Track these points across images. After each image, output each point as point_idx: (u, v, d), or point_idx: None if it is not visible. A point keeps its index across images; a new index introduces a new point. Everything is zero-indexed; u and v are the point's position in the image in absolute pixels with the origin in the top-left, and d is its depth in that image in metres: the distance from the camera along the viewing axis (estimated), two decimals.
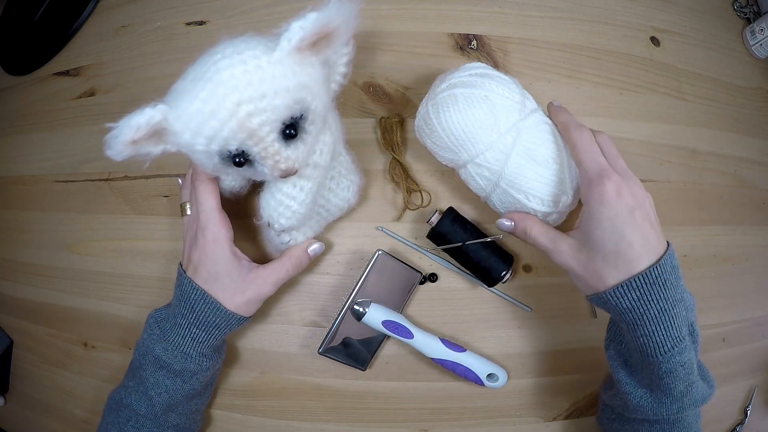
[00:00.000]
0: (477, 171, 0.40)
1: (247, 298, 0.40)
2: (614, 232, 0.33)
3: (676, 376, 0.35)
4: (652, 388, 0.37)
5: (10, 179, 0.58)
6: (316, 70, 0.30)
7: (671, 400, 0.36)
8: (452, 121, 0.39)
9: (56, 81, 0.57)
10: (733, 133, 0.56)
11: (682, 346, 0.34)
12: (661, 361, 0.34)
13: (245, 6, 0.53)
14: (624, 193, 0.34)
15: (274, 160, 0.31)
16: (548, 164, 0.39)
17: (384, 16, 0.51)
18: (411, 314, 0.48)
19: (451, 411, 0.49)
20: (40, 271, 0.55)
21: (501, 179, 0.39)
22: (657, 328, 0.34)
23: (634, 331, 0.35)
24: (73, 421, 0.53)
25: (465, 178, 0.42)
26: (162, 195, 0.51)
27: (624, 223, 0.33)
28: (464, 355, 0.45)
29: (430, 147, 0.43)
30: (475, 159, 0.40)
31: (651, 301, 0.33)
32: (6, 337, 0.57)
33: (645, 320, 0.34)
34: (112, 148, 0.28)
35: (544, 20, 0.53)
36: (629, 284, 0.33)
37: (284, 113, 0.29)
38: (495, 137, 0.39)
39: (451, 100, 0.39)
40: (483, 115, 0.38)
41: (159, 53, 0.54)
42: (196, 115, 0.28)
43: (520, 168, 0.39)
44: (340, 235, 0.48)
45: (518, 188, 0.39)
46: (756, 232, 0.56)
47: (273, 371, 0.49)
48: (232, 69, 0.28)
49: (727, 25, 0.60)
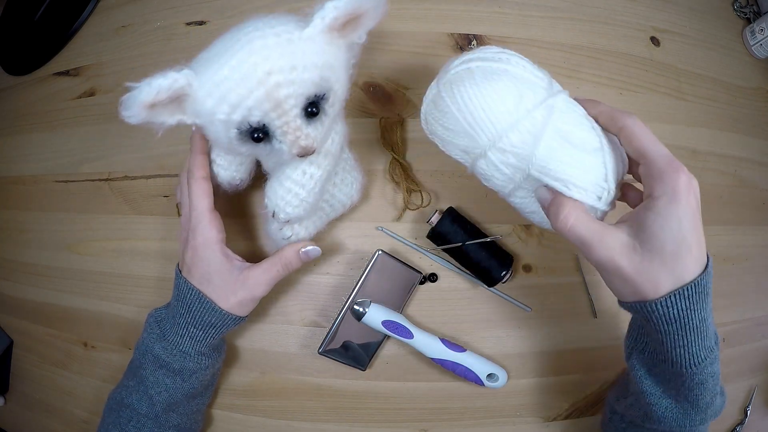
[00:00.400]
0: (501, 158, 0.33)
1: (240, 299, 0.40)
2: (680, 233, 0.30)
3: (705, 388, 0.33)
4: (678, 399, 0.35)
5: (10, 179, 0.58)
6: (341, 52, 0.31)
7: (696, 411, 0.35)
8: (469, 96, 0.32)
9: (56, 81, 0.57)
10: (733, 133, 0.56)
11: (713, 357, 0.33)
12: (694, 372, 0.32)
13: (245, 6, 0.53)
14: (694, 189, 0.30)
15: (295, 136, 0.31)
16: (587, 149, 0.33)
17: (384, 16, 0.51)
18: (411, 314, 0.48)
19: (451, 411, 0.49)
20: (40, 271, 0.55)
21: (531, 166, 0.32)
22: (695, 339, 0.32)
23: (672, 342, 0.32)
24: (73, 421, 0.53)
25: (485, 172, 0.35)
26: (162, 195, 0.51)
27: (690, 224, 0.30)
28: (464, 355, 0.45)
29: (441, 136, 0.36)
30: (498, 143, 0.32)
31: (695, 311, 0.31)
32: (6, 337, 0.57)
33: (687, 331, 0.31)
34: (129, 108, 0.27)
35: (544, 20, 0.53)
36: (681, 293, 0.30)
37: (310, 89, 0.30)
38: (522, 114, 0.32)
39: (467, 75, 0.33)
40: (505, 89, 0.32)
41: (159, 53, 0.54)
42: (224, 81, 0.28)
43: (554, 152, 0.32)
44: (340, 235, 0.48)
45: (554, 175, 0.32)
46: (756, 232, 0.56)
47: (273, 371, 0.49)
48: (266, 39, 0.28)
49: (727, 25, 0.60)
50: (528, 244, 0.49)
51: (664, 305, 0.31)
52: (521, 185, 0.34)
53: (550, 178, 0.32)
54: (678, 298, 0.30)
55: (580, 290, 0.50)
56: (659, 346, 0.33)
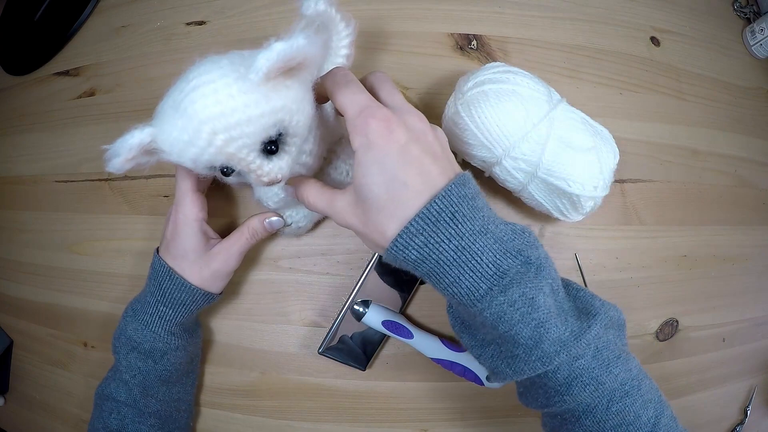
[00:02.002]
0: (513, 165, 0.40)
1: (211, 272, 0.41)
2: (384, 175, 0.29)
3: (509, 320, 0.28)
4: (500, 345, 0.31)
5: (10, 179, 0.58)
6: (292, 90, 0.30)
7: (525, 350, 0.29)
8: (485, 116, 0.39)
9: (56, 81, 0.57)
10: (733, 133, 0.56)
11: (504, 283, 0.28)
12: (482, 308, 0.28)
13: (245, 6, 0.53)
14: (395, 128, 0.29)
15: (256, 174, 0.31)
16: (584, 150, 0.40)
17: (384, 16, 0.51)
18: (411, 314, 0.48)
19: (451, 411, 0.49)
20: (40, 271, 0.55)
21: (539, 169, 0.40)
22: (461, 271, 0.28)
23: (439, 283, 0.29)
24: (73, 421, 0.53)
25: (499, 175, 0.42)
26: (162, 195, 0.51)
27: (395, 163, 0.28)
28: (464, 354, 0.45)
29: (461, 149, 0.43)
30: (511, 153, 0.40)
31: (441, 242, 0.28)
32: (6, 337, 0.57)
33: (443, 266, 0.28)
34: (112, 165, 0.30)
35: (544, 20, 0.53)
36: (408, 229, 0.28)
37: (261, 136, 0.30)
38: (529, 128, 0.39)
39: (482, 97, 0.40)
40: (515, 108, 0.39)
41: (159, 53, 0.54)
42: (177, 142, 0.29)
43: (557, 156, 0.39)
44: (340, 235, 0.48)
45: (557, 175, 0.40)
46: (756, 232, 0.56)
47: (273, 371, 0.49)
48: (205, 100, 0.28)
49: (727, 25, 0.60)
50: None
51: (399, 248, 0.29)
52: (530, 184, 0.41)
53: (554, 178, 0.40)
54: (407, 236, 0.28)
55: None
56: (441, 293, 0.31)
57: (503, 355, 0.31)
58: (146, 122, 0.30)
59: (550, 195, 0.42)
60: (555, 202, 0.42)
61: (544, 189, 0.42)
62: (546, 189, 0.42)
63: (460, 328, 0.34)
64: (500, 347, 0.31)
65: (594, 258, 0.50)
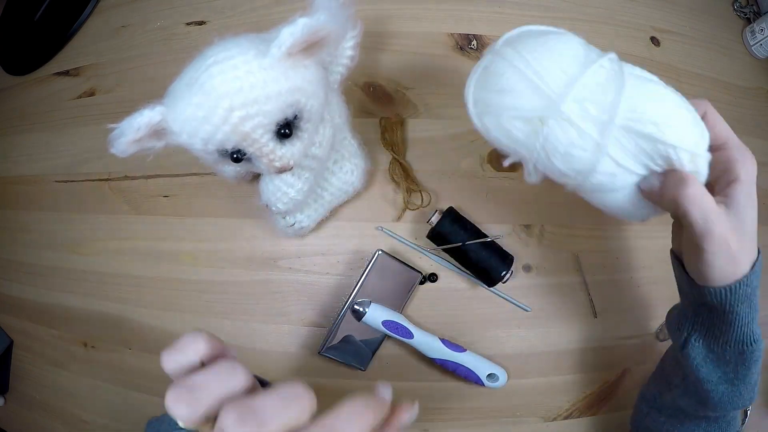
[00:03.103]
0: (578, 111, 0.27)
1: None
2: (756, 214, 0.31)
3: (758, 363, 0.34)
4: (734, 380, 0.36)
5: (10, 179, 0.58)
6: (309, 71, 0.30)
7: (747, 390, 0.36)
8: (533, 47, 0.29)
9: (56, 81, 0.57)
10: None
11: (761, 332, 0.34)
12: (753, 348, 0.34)
13: (245, 6, 0.53)
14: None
15: (268, 159, 0.31)
16: (676, 101, 0.29)
17: (384, 16, 0.51)
18: (411, 314, 0.48)
19: (451, 411, 0.49)
20: (41, 271, 0.55)
21: (618, 113, 0.27)
22: (756, 314, 0.33)
23: (743, 319, 0.33)
24: (73, 421, 0.53)
25: (558, 138, 0.28)
26: (162, 195, 0.51)
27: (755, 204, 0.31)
28: (464, 355, 0.45)
29: (496, 106, 0.30)
30: (572, 92, 0.27)
31: (757, 287, 0.32)
32: (6, 337, 0.57)
33: (752, 307, 0.33)
34: (116, 147, 0.29)
35: (544, 20, 0.53)
36: (756, 266, 0.31)
37: (277, 116, 0.30)
38: (593, 58, 0.28)
39: (526, 35, 0.31)
40: (569, 41, 0.29)
41: (159, 53, 0.54)
42: (190, 120, 0.29)
43: (641, 93, 0.28)
44: (340, 235, 0.48)
45: (646, 118, 0.27)
46: None
47: (273, 371, 0.49)
48: (224, 75, 0.28)
49: (727, 25, 0.60)
50: (528, 244, 0.49)
51: (745, 284, 0.31)
52: (605, 150, 0.28)
53: (642, 124, 0.27)
54: (755, 275, 0.31)
55: (580, 290, 0.50)
56: (726, 327, 0.34)
57: (732, 390, 0.36)
58: (156, 101, 0.29)
59: (639, 157, 0.29)
60: (648, 165, 0.29)
61: (632, 148, 0.28)
62: (633, 148, 0.28)
63: (702, 361, 0.36)
64: (734, 385, 0.36)
65: (594, 258, 0.50)
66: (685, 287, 0.35)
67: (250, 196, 0.48)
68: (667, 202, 0.30)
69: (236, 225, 0.49)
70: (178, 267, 0.50)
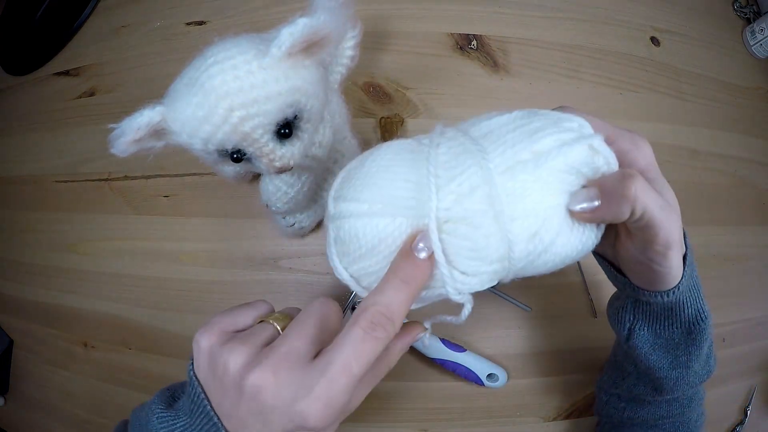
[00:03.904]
0: (451, 203, 0.24)
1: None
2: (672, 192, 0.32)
3: (707, 338, 0.35)
4: (689, 361, 0.36)
5: (10, 179, 0.58)
6: (309, 71, 0.30)
7: (701, 366, 0.36)
8: (360, 186, 0.27)
9: (56, 81, 0.57)
10: (733, 133, 0.56)
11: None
12: (704, 326, 0.34)
13: (245, 6, 0.53)
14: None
15: (268, 159, 0.31)
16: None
17: (384, 16, 0.51)
18: (410, 314, 0.48)
19: (451, 411, 0.49)
20: (40, 271, 0.55)
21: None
22: (700, 294, 0.34)
23: (691, 305, 0.34)
24: (73, 421, 0.53)
25: (452, 241, 0.26)
26: (162, 195, 0.51)
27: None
28: (464, 355, 0.45)
29: (376, 263, 0.28)
30: (434, 189, 0.24)
31: (693, 260, 0.33)
32: (6, 337, 0.57)
33: (698, 291, 0.34)
34: (116, 147, 0.29)
35: (544, 20, 0.53)
36: (686, 239, 0.32)
37: (277, 116, 0.30)
38: (426, 142, 0.27)
39: (345, 181, 0.29)
40: (389, 150, 0.28)
41: (159, 53, 0.54)
42: (190, 120, 0.29)
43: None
44: None
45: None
46: (756, 232, 0.56)
47: None
48: (224, 75, 0.28)
49: (727, 25, 0.60)
50: None
51: (690, 268, 0.32)
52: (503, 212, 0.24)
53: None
54: (689, 249, 0.32)
55: (580, 290, 0.50)
56: (673, 315, 0.34)
57: (686, 372, 0.36)
58: (156, 101, 0.29)
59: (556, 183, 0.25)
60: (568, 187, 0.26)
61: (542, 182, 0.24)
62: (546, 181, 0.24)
63: (649, 350, 0.36)
64: (688, 366, 0.36)
65: (594, 258, 0.50)
66: (621, 287, 0.34)
67: (250, 196, 0.48)
68: (614, 207, 0.25)
69: (236, 225, 0.49)
70: (178, 267, 0.50)
